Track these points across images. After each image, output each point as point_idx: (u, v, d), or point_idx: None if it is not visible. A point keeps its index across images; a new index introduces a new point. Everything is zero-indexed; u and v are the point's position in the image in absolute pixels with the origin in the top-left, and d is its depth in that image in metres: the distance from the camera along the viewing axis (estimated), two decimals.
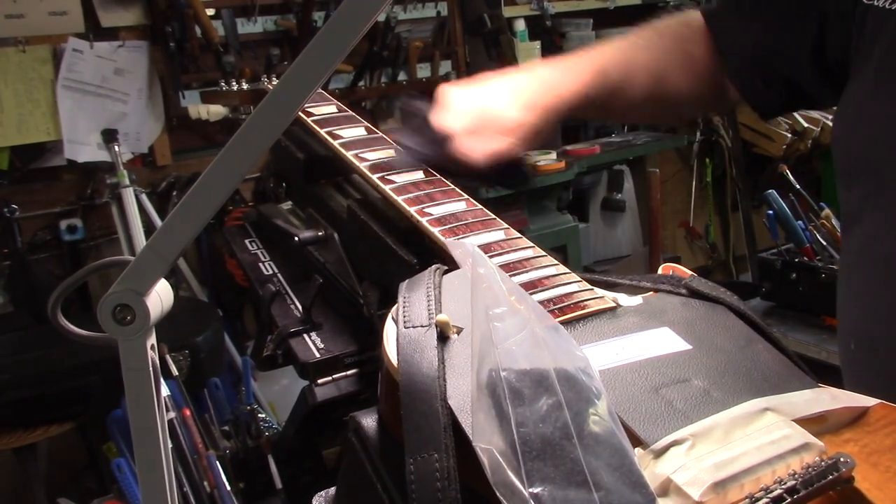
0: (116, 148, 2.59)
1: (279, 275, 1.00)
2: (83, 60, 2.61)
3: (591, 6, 3.48)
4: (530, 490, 0.40)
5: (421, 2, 3.18)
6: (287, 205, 1.07)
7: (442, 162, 0.82)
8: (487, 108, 0.84)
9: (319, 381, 0.86)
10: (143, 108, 2.72)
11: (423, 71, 3.22)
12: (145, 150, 2.76)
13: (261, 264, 1.03)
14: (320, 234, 0.91)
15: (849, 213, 0.90)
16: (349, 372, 0.86)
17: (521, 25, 3.23)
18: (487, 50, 3.07)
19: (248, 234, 1.09)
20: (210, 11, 2.71)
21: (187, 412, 1.78)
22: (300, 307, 0.92)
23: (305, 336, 0.88)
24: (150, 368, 0.48)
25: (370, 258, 0.81)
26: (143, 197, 2.59)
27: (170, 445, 0.53)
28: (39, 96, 2.57)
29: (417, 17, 3.20)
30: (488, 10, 3.07)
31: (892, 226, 0.82)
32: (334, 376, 0.86)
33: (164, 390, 1.61)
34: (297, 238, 0.89)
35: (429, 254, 0.71)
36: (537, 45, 3.24)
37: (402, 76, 3.15)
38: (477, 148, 0.81)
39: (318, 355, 0.86)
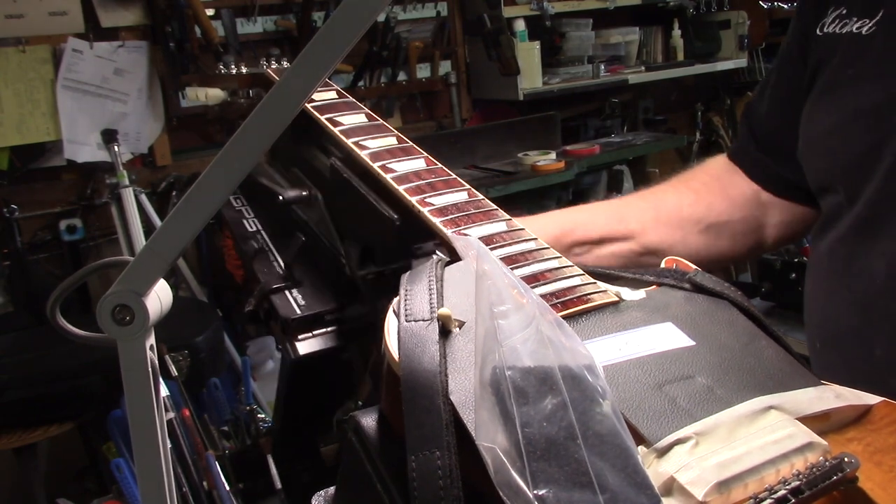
0: (116, 148, 2.59)
1: (262, 232, 1.01)
2: (83, 60, 2.61)
3: (591, 6, 3.48)
4: (535, 491, 0.40)
5: (421, 2, 3.18)
6: None
7: None
8: None
9: (299, 336, 0.86)
10: (143, 108, 2.72)
11: (422, 71, 3.22)
12: (145, 150, 2.76)
13: (245, 221, 1.03)
14: (304, 193, 0.91)
15: (820, 221, 0.93)
16: (328, 329, 0.87)
17: (520, 25, 3.22)
18: (487, 50, 3.07)
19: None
20: (210, 11, 2.71)
21: (187, 412, 1.77)
22: (282, 264, 0.93)
23: (287, 293, 0.89)
24: (150, 369, 0.48)
25: (352, 216, 0.82)
26: (143, 197, 2.59)
27: (169, 445, 0.52)
28: (39, 96, 2.57)
29: (417, 17, 3.20)
30: (488, 10, 3.07)
31: (855, 231, 0.86)
32: (314, 332, 0.87)
33: (164, 390, 1.61)
34: (281, 197, 0.90)
35: (409, 212, 0.71)
36: (537, 45, 3.24)
37: (401, 76, 3.15)
38: None
39: (299, 312, 0.87)
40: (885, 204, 0.82)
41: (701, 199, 1.01)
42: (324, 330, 0.87)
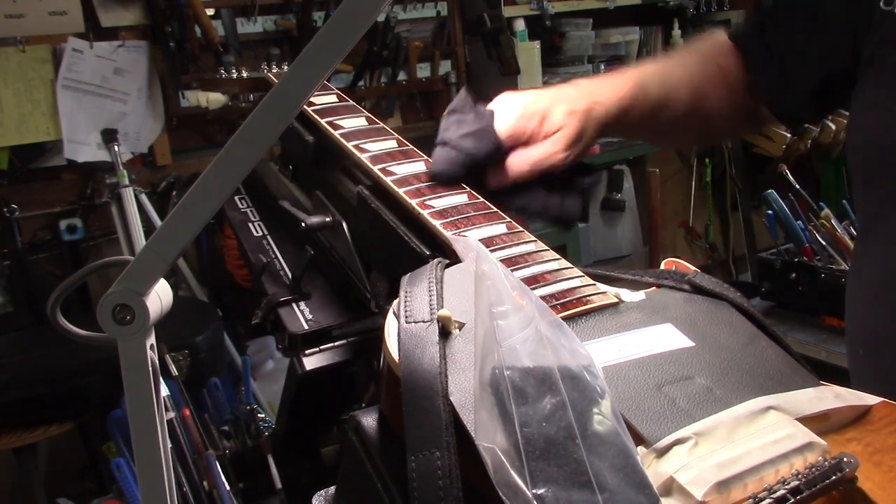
0: (116, 148, 2.59)
1: (269, 237, 0.98)
2: (83, 60, 2.61)
3: (591, 6, 3.48)
4: (534, 491, 0.40)
5: (421, 2, 3.18)
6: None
7: (486, 160, 0.78)
8: (531, 108, 0.81)
9: (307, 351, 0.85)
10: (142, 108, 2.72)
11: (422, 71, 3.22)
12: (145, 149, 2.76)
13: (251, 224, 1.00)
14: (328, 220, 0.86)
15: (865, 217, 0.90)
16: (336, 343, 0.85)
17: (520, 25, 3.22)
18: (487, 50, 3.06)
19: (237, 190, 1.04)
20: (210, 11, 2.71)
21: (187, 412, 1.77)
22: (290, 274, 0.90)
23: (294, 306, 0.87)
24: (150, 368, 0.48)
25: (379, 247, 0.78)
26: (143, 197, 2.59)
27: (169, 445, 0.52)
28: (39, 96, 2.57)
29: (417, 16, 3.20)
30: (488, 10, 3.07)
31: None
32: (321, 347, 0.85)
33: (164, 390, 1.61)
34: (304, 224, 0.85)
35: (442, 246, 0.68)
36: (537, 44, 3.24)
37: (401, 76, 3.15)
38: (521, 157, 0.78)
39: (306, 327, 0.84)
40: None
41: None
42: (331, 345, 0.85)
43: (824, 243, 2.32)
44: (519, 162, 0.79)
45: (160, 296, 0.49)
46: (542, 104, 0.82)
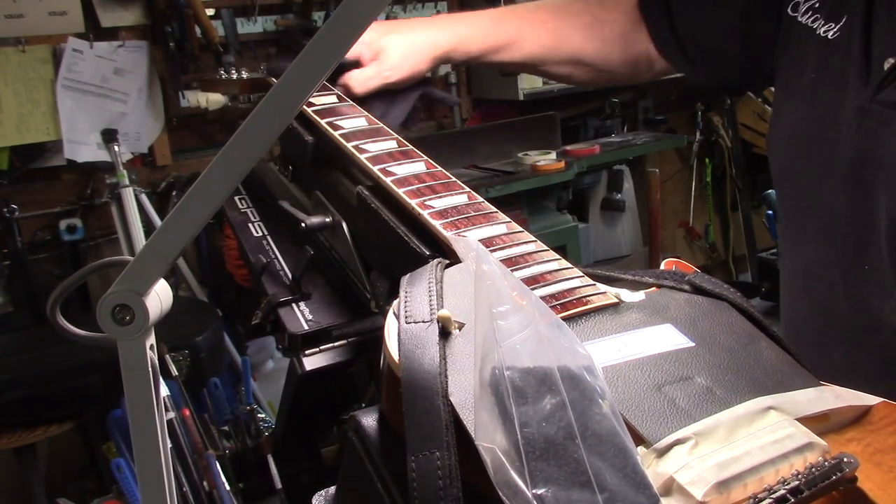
0: (116, 148, 2.59)
1: (269, 237, 0.98)
2: (83, 60, 2.61)
3: None
4: (534, 491, 0.40)
5: (421, 2, 3.18)
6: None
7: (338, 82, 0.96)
8: (368, 36, 0.95)
9: (307, 351, 0.84)
10: (142, 108, 2.72)
11: None
12: (145, 150, 2.76)
13: (250, 224, 1.00)
14: (328, 220, 0.87)
15: (782, 216, 0.96)
16: (336, 343, 0.85)
17: None
18: None
19: (237, 190, 1.05)
20: (210, 11, 2.71)
21: (187, 412, 1.77)
22: (290, 274, 0.90)
23: (294, 306, 0.87)
24: (150, 368, 0.48)
25: (380, 247, 0.79)
26: (143, 197, 2.59)
27: (169, 445, 0.52)
28: (39, 96, 2.57)
29: (417, 16, 3.20)
30: None
31: (811, 233, 0.88)
32: (321, 347, 0.85)
33: (164, 390, 1.61)
34: (304, 224, 0.86)
35: (442, 246, 0.68)
36: None
37: None
38: (352, 77, 0.96)
39: (306, 327, 0.84)
40: (841, 213, 0.83)
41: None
42: (331, 345, 0.85)
43: None
44: (351, 80, 0.97)
45: (160, 296, 0.49)
46: (378, 32, 0.98)
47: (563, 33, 1.05)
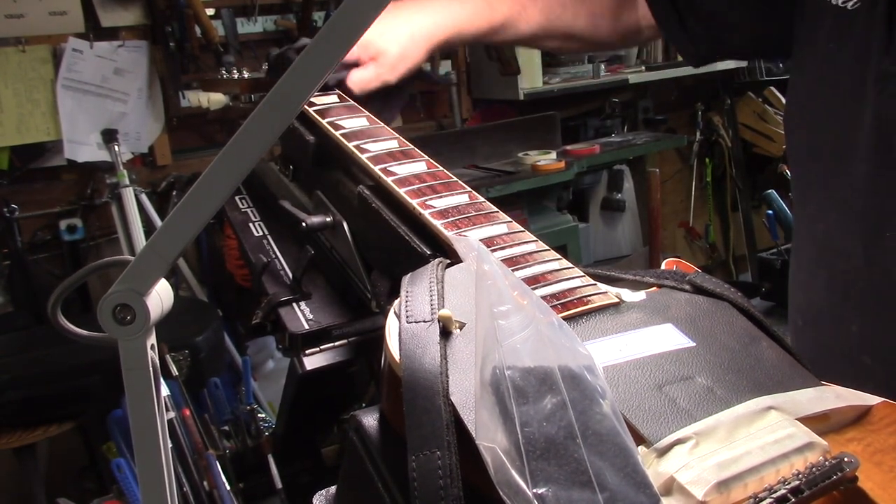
0: (116, 148, 2.59)
1: (269, 237, 0.98)
2: (83, 60, 2.61)
3: None
4: (534, 490, 0.40)
5: None
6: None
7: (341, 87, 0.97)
8: (366, 37, 0.95)
9: (307, 351, 0.85)
10: (143, 108, 2.72)
11: None
12: (145, 149, 2.76)
13: (251, 224, 1.00)
14: (328, 220, 0.87)
15: (797, 196, 0.96)
16: (337, 343, 0.85)
17: None
18: (487, 50, 3.06)
19: (238, 190, 1.05)
20: (210, 11, 2.71)
21: (187, 412, 1.78)
22: (290, 274, 0.90)
23: (295, 306, 0.87)
24: (150, 368, 0.48)
25: (381, 247, 0.79)
26: (143, 197, 2.59)
27: (169, 445, 0.52)
28: (39, 96, 2.57)
29: None
30: None
31: (829, 207, 0.88)
32: (321, 347, 0.85)
33: (164, 390, 1.61)
34: (304, 224, 0.86)
35: (443, 246, 0.68)
36: None
37: None
38: (352, 78, 0.96)
39: (306, 327, 0.84)
40: (862, 184, 0.83)
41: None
42: (332, 344, 0.85)
43: None
44: (349, 81, 0.96)
45: (161, 296, 0.49)
46: (377, 31, 0.98)
47: (554, 10, 1.07)
